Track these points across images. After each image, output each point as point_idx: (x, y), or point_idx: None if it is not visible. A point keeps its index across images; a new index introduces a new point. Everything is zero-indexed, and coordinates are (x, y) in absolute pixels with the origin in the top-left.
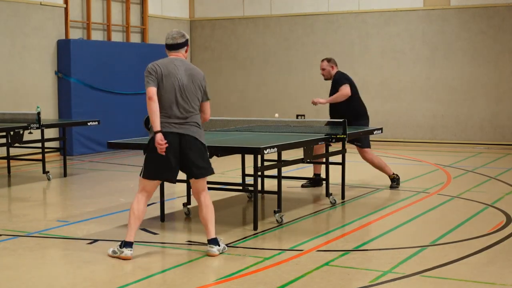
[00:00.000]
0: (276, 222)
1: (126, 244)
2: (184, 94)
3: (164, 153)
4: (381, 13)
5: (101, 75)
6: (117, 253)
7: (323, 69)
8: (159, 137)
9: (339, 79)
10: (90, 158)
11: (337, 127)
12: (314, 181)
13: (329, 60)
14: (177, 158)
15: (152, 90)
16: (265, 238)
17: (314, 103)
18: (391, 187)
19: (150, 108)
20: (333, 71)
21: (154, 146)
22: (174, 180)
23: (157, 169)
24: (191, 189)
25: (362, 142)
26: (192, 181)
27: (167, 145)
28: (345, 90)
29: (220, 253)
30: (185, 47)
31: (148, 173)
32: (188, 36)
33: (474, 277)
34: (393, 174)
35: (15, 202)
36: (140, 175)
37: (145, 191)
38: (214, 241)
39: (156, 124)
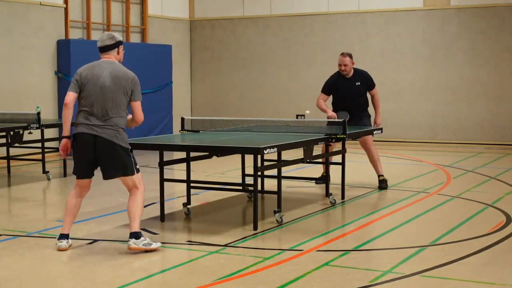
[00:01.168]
0: (276, 222)
1: (61, 237)
2: (105, 96)
3: (64, 157)
4: (381, 13)
5: None
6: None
7: (345, 65)
8: (63, 142)
9: (372, 79)
10: None
11: (337, 127)
12: (324, 178)
13: (351, 55)
14: (90, 158)
15: (69, 97)
16: (265, 238)
17: (379, 126)
18: (381, 187)
19: (63, 114)
20: (352, 67)
21: (74, 146)
22: (89, 175)
23: (78, 168)
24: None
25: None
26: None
27: (67, 152)
28: (378, 94)
29: (142, 246)
30: (116, 49)
31: (75, 171)
32: (119, 38)
33: (474, 277)
34: (383, 175)
35: (15, 202)
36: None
37: (77, 186)
38: (133, 235)
39: (66, 129)
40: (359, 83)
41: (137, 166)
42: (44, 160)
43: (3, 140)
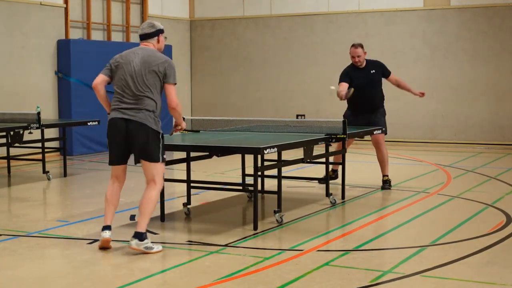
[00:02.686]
0: (276, 222)
1: (103, 228)
2: (135, 79)
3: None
4: (381, 13)
5: None
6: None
7: (359, 56)
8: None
9: (385, 66)
10: (90, 158)
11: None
12: (331, 177)
13: (362, 46)
14: (123, 142)
15: (96, 79)
16: (265, 238)
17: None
18: (384, 188)
19: (97, 96)
20: (365, 57)
21: (107, 132)
22: (123, 162)
23: (111, 154)
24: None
25: (385, 128)
26: (143, 167)
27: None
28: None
29: (141, 250)
30: (156, 37)
31: (109, 158)
32: (161, 27)
33: (474, 277)
34: (388, 176)
35: (15, 202)
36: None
37: (112, 176)
38: (137, 234)
39: (106, 107)
40: (374, 71)
41: (164, 156)
42: (44, 160)
43: (3, 140)
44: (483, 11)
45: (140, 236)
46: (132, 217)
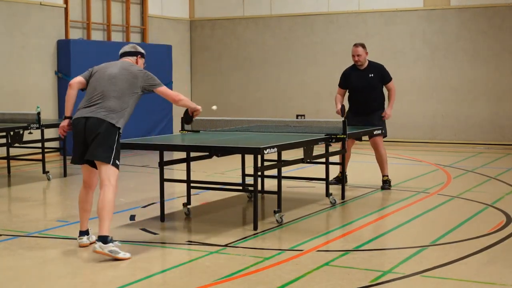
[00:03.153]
0: (276, 222)
1: (80, 234)
2: (109, 82)
3: (62, 136)
4: (381, 13)
5: None
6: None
7: (359, 55)
8: (62, 122)
9: (388, 72)
10: None
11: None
12: (340, 179)
13: (363, 45)
14: (83, 142)
15: (75, 79)
16: (265, 238)
17: (387, 118)
18: (384, 188)
19: (66, 94)
20: (366, 57)
21: (72, 131)
22: (79, 162)
23: (73, 155)
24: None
25: (385, 130)
26: (98, 168)
27: (65, 131)
28: (395, 88)
29: (106, 253)
30: (135, 57)
31: (71, 157)
32: (142, 50)
33: (474, 277)
34: (387, 176)
35: (15, 202)
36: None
37: (83, 180)
38: (101, 238)
39: (67, 109)
40: (372, 75)
41: (118, 162)
42: (44, 160)
43: (3, 140)
44: (483, 11)
45: (103, 240)
46: (132, 217)
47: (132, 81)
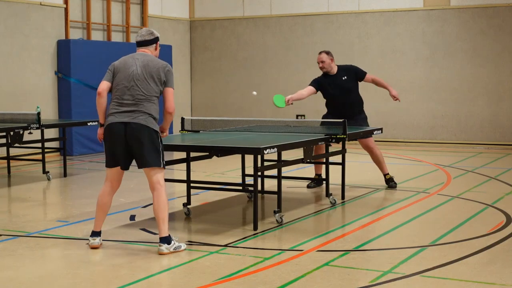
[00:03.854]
0: (276, 222)
1: (93, 234)
2: (136, 83)
3: (102, 142)
4: (381, 13)
5: (101, 75)
6: None
7: (322, 62)
8: (100, 131)
9: (357, 69)
10: (90, 158)
11: (337, 127)
12: (318, 181)
13: (327, 52)
14: (123, 147)
15: (101, 86)
16: (265, 238)
17: (398, 98)
18: (390, 186)
19: (97, 103)
20: (333, 64)
21: (105, 136)
22: (124, 167)
23: (109, 158)
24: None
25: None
26: (144, 172)
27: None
28: (375, 76)
29: (172, 251)
30: (154, 44)
31: (106, 161)
32: (158, 34)
33: (474, 277)
34: (389, 174)
35: (15, 202)
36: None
37: (108, 180)
38: (164, 240)
39: (101, 117)
40: (345, 77)
41: (164, 161)
42: (44, 160)
43: (3, 140)
44: (483, 11)
45: (167, 241)
46: (132, 217)
47: (156, 78)
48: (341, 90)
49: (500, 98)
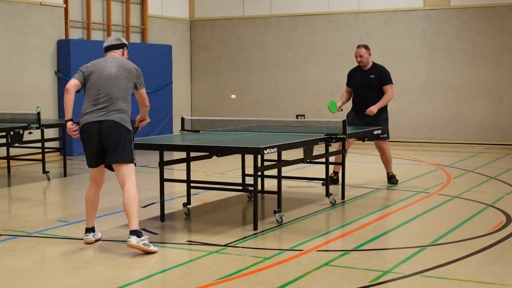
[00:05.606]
0: (276, 222)
1: (86, 231)
2: (112, 82)
3: (75, 137)
4: (381, 13)
5: None
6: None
7: (361, 56)
8: (69, 124)
9: (387, 75)
10: None
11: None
12: (333, 179)
13: (365, 46)
14: (98, 143)
15: (70, 82)
16: (265, 238)
17: (370, 113)
18: (391, 182)
19: (64, 99)
20: (370, 59)
21: (82, 136)
22: (102, 163)
23: (89, 157)
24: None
25: (387, 133)
26: (114, 168)
27: (76, 131)
28: (392, 92)
29: (141, 244)
30: (121, 49)
31: (87, 161)
32: (125, 41)
33: (474, 277)
34: (391, 172)
35: (15, 202)
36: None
37: (92, 179)
38: (133, 232)
39: (68, 113)
40: (373, 76)
41: (135, 156)
42: (44, 160)
43: (3, 140)
44: (483, 11)
45: (137, 234)
46: None
47: (130, 78)
48: (363, 85)
49: (500, 98)
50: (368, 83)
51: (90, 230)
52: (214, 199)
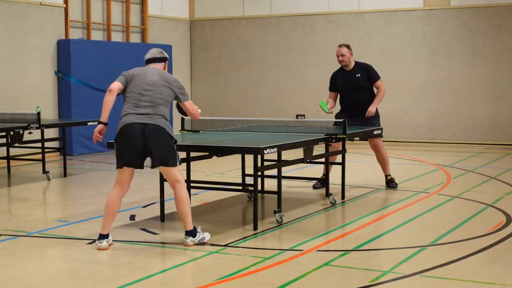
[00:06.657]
0: (276, 222)
1: (100, 237)
2: (153, 88)
3: (95, 142)
4: (381, 13)
5: (101, 75)
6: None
7: (342, 55)
8: (98, 127)
9: (374, 71)
10: (90, 158)
11: (337, 127)
12: (324, 181)
13: (347, 46)
14: (139, 146)
15: (114, 84)
16: (265, 238)
17: (371, 114)
18: (391, 186)
19: (105, 99)
20: (352, 58)
21: (116, 137)
22: (138, 166)
23: (122, 158)
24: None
25: (381, 130)
26: (161, 171)
27: (100, 137)
28: (384, 86)
29: (197, 244)
30: (163, 63)
31: (118, 162)
32: (166, 55)
33: (474, 277)
34: (390, 175)
35: (15, 202)
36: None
37: (118, 182)
38: (189, 233)
39: (104, 115)
40: (359, 75)
41: (180, 158)
42: (44, 160)
43: (3, 140)
44: (483, 11)
45: (192, 234)
46: (132, 217)
47: (170, 89)
48: (351, 87)
49: (500, 98)
50: (355, 84)
51: (104, 236)
52: (214, 199)
